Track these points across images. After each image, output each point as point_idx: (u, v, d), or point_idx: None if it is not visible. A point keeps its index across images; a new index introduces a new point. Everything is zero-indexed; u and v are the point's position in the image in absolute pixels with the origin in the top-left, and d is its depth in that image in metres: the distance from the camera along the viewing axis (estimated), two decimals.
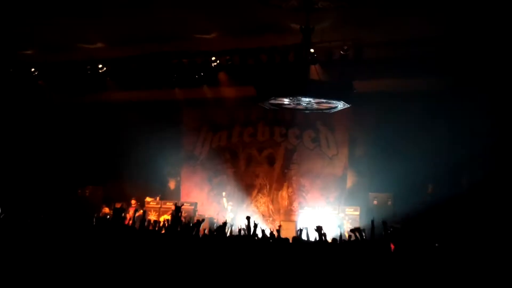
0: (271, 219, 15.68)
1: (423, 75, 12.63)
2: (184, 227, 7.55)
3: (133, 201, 15.42)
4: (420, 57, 12.28)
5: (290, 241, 7.44)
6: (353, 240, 7.59)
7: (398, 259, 6.83)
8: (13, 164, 15.96)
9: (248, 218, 8.68)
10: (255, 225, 8.20)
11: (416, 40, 12.11)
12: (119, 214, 7.55)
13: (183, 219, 8.24)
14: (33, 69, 15.31)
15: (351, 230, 8.14)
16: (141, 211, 13.48)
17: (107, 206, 14.92)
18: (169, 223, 8.58)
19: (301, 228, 8.81)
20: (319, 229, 7.36)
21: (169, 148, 16.63)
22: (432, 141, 13.50)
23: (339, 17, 11.28)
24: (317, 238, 7.33)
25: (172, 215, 8.85)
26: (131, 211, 12.70)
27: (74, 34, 13.19)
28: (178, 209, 8.33)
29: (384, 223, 8.65)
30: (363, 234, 7.60)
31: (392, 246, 8.25)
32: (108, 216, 10.22)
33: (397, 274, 6.40)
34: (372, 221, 8.35)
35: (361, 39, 12.57)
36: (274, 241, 7.27)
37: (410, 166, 13.17)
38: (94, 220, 7.83)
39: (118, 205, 15.20)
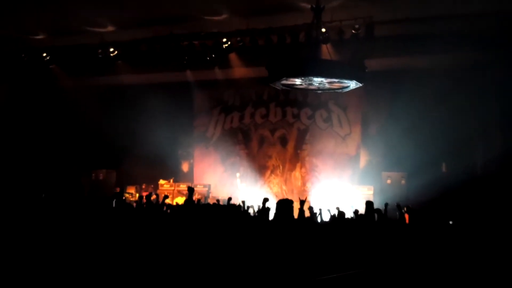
0: None
1: (435, 52, 12.52)
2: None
3: (145, 187, 15.59)
4: (431, 34, 12.17)
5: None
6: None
7: (413, 237, 6.85)
8: (26, 148, 16.08)
9: (266, 199, 8.76)
10: (268, 208, 8.27)
11: (427, 17, 11.98)
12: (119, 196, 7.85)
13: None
14: (44, 54, 15.36)
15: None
16: (154, 195, 13.54)
17: (120, 189, 15.02)
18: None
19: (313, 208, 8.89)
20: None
21: (181, 130, 16.69)
22: (445, 119, 13.42)
23: None
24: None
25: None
26: (144, 195, 12.78)
27: (84, 18, 13.18)
28: (191, 190, 8.45)
29: (398, 205, 8.77)
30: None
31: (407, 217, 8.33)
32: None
33: (412, 251, 6.42)
34: (386, 204, 8.44)
35: (372, 17, 12.47)
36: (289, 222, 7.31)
37: (424, 144, 13.14)
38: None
39: (131, 188, 15.44)
